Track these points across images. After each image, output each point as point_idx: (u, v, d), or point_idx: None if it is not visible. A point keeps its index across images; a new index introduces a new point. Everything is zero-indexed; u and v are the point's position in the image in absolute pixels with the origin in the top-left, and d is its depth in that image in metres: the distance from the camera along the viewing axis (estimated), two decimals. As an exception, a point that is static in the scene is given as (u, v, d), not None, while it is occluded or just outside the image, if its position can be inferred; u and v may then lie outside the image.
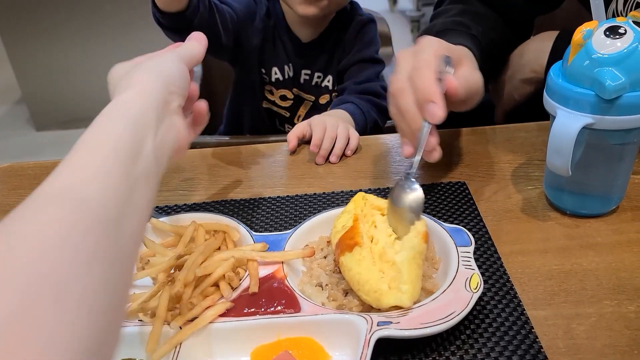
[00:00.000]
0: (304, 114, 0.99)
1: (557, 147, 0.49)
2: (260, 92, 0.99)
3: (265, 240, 0.50)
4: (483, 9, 0.79)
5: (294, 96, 0.98)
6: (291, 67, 0.97)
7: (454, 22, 0.74)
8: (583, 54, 0.47)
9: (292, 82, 0.97)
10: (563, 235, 0.53)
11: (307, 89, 0.98)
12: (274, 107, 1.00)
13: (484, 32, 0.74)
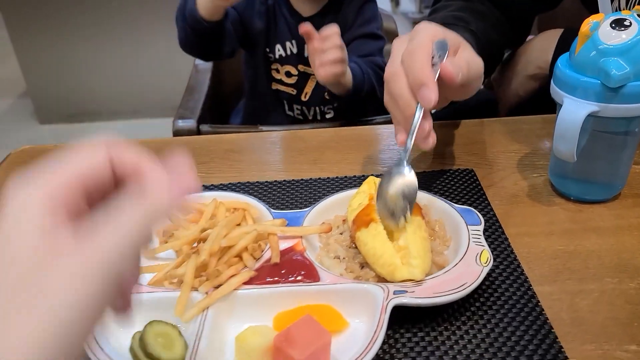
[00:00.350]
0: (310, 90, 1.02)
1: (564, 133, 0.52)
2: (268, 71, 1.02)
3: (284, 217, 0.52)
4: (484, 7, 0.81)
5: (298, 72, 1.01)
6: (294, 44, 1.00)
7: (454, 17, 0.75)
8: (590, 44, 0.50)
9: (296, 57, 1.01)
10: (567, 219, 0.56)
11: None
12: (281, 86, 1.03)
13: (484, 29, 0.75)
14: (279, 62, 1.01)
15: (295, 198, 0.60)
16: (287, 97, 1.03)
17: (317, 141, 0.72)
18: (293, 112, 1.05)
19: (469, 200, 0.59)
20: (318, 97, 1.02)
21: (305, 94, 1.03)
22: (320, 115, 1.05)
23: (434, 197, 0.54)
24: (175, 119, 0.90)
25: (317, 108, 1.04)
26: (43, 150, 0.73)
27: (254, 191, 0.61)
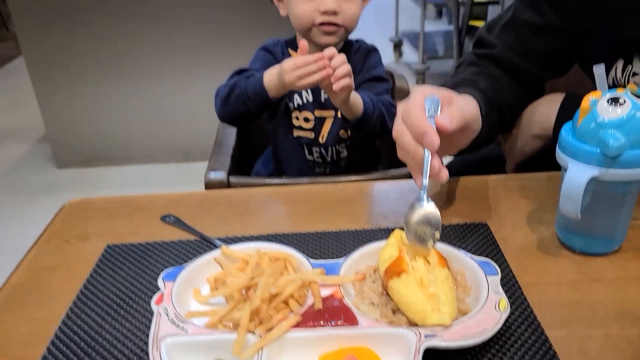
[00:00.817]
0: (327, 132, 1.12)
1: (569, 194, 0.59)
2: (288, 120, 1.12)
3: (322, 267, 0.58)
4: (497, 71, 0.90)
5: (315, 117, 1.11)
6: (309, 92, 1.11)
7: (464, 79, 0.84)
8: (590, 118, 0.58)
9: (312, 104, 1.11)
10: (574, 270, 0.62)
11: (327, 105, 1.10)
12: (300, 131, 1.12)
13: (494, 89, 0.84)
14: (298, 110, 1.11)
15: (329, 248, 0.67)
16: (307, 142, 1.12)
17: (342, 195, 0.79)
18: (313, 156, 1.13)
19: (485, 251, 0.65)
20: (334, 137, 1.12)
21: (322, 136, 1.12)
22: (336, 155, 1.14)
23: (455, 249, 0.61)
24: (207, 171, 0.98)
25: (334, 148, 1.13)
26: (93, 202, 0.80)
27: (289, 241, 0.68)
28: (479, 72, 0.88)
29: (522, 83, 0.91)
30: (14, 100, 3.45)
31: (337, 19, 1.03)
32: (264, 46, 1.14)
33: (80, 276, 0.63)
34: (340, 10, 1.02)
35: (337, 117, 1.11)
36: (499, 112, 0.85)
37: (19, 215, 2.24)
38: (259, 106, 1.01)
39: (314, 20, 1.03)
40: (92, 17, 2.32)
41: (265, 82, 0.99)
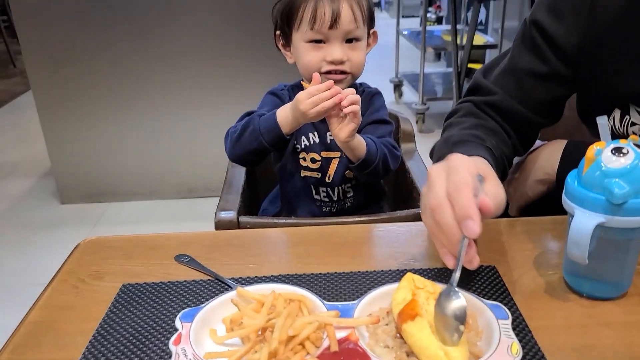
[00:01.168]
0: (333, 172, 1.14)
1: (577, 240, 0.60)
2: (296, 161, 1.14)
3: (337, 309, 0.60)
4: (494, 124, 0.90)
5: (321, 158, 1.13)
6: (316, 134, 1.13)
7: (470, 135, 0.84)
8: (595, 167, 0.60)
9: (318, 145, 1.13)
10: (583, 314, 0.63)
11: (333, 147, 1.13)
12: (307, 172, 1.14)
13: (497, 145, 0.84)
14: (305, 151, 1.13)
15: (342, 290, 0.68)
16: (314, 182, 1.15)
17: (352, 236, 0.81)
18: (320, 196, 1.15)
19: (494, 295, 0.67)
20: (340, 176, 1.14)
21: (329, 176, 1.14)
22: (343, 195, 1.16)
23: (466, 293, 0.62)
24: (217, 211, 0.99)
25: (340, 187, 1.16)
26: (108, 240, 0.81)
27: (302, 283, 0.69)
28: (480, 125, 0.88)
29: (519, 129, 0.92)
30: (20, 136, 3.50)
31: (344, 67, 1.06)
32: (272, 91, 1.18)
33: (97, 315, 0.64)
34: (347, 59, 1.05)
35: (343, 158, 1.14)
36: (502, 169, 0.85)
37: (21, 250, 2.24)
38: (272, 142, 1.03)
39: (321, 69, 1.06)
40: (100, 55, 2.37)
41: (278, 118, 1.02)
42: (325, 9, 1.02)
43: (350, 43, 1.06)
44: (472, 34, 2.83)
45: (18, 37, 2.35)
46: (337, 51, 1.04)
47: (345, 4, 1.02)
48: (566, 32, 0.84)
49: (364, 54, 1.10)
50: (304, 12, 1.03)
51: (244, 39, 2.38)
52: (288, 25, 1.08)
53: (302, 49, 1.07)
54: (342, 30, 1.03)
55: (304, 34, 1.05)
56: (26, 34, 2.33)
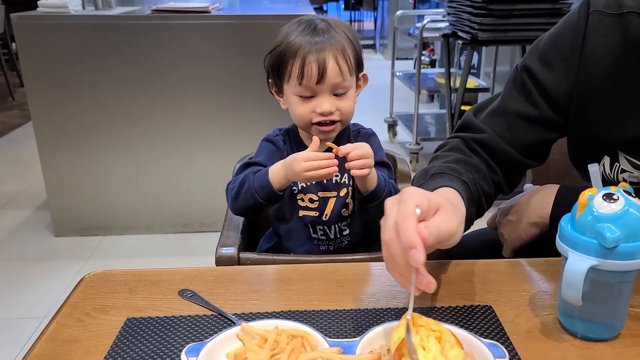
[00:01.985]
0: (330, 211, 1.16)
1: (570, 282, 0.63)
2: (294, 202, 1.16)
3: (339, 345, 0.61)
4: (477, 161, 0.92)
5: (319, 198, 1.16)
6: None
7: (449, 168, 0.86)
8: (587, 211, 0.63)
9: (315, 186, 1.15)
10: (577, 355, 0.65)
11: (329, 187, 1.15)
12: (306, 211, 1.16)
13: (475, 180, 0.86)
14: (302, 192, 1.16)
15: (343, 326, 0.69)
16: (311, 220, 1.17)
17: (352, 274, 0.83)
18: (317, 234, 1.17)
19: (491, 334, 0.68)
20: (336, 215, 1.16)
21: (325, 215, 1.16)
22: (340, 233, 1.17)
23: (464, 331, 0.64)
24: (218, 247, 1.01)
25: (336, 226, 1.17)
26: (112, 274, 0.82)
27: (304, 319, 0.71)
28: (462, 160, 0.90)
29: (505, 167, 0.94)
30: (17, 167, 3.51)
31: (333, 117, 1.08)
32: (267, 138, 1.20)
33: (102, 349, 0.65)
34: (337, 109, 1.08)
35: (340, 196, 1.17)
36: (477, 205, 0.87)
37: (14, 282, 2.22)
38: (266, 199, 1.07)
39: (311, 120, 1.08)
40: (100, 90, 2.42)
41: (270, 176, 1.06)
42: (312, 66, 1.03)
43: (338, 96, 1.08)
44: (465, 77, 2.91)
45: (21, 70, 2.39)
46: (325, 104, 1.06)
47: (331, 59, 1.04)
48: (556, 80, 0.88)
49: (353, 102, 1.12)
50: (292, 66, 1.05)
51: (241, 76, 2.44)
52: (278, 77, 1.11)
53: (293, 101, 1.09)
54: (329, 84, 1.05)
55: (293, 88, 1.07)
56: (29, 66, 2.38)
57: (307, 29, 1.07)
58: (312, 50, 1.04)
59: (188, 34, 2.38)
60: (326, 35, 1.06)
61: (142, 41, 2.37)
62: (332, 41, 1.05)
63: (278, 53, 1.08)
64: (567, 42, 0.87)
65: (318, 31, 1.06)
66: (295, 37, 1.06)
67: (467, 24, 2.67)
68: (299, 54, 1.04)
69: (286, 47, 1.06)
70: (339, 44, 1.06)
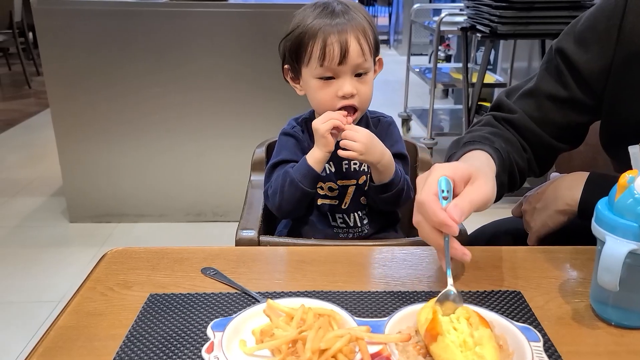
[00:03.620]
0: (350, 199, 1.15)
1: (608, 267, 0.61)
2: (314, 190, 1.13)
3: (368, 324, 0.60)
4: (510, 135, 0.94)
5: (338, 186, 1.14)
6: (332, 164, 1.13)
7: (481, 137, 0.88)
8: (627, 194, 0.61)
9: (335, 175, 1.14)
10: (612, 342, 0.63)
11: (348, 175, 1.14)
12: (325, 200, 1.15)
13: (506, 149, 0.87)
14: (322, 181, 1.14)
15: (369, 307, 0.68)
16: (329, 208, 1.15)
17: (377, 258, 0.82)
18: (337, 222, 1.15)
19: (522, 319, 0.67)
20: (355, 203, 1.15)
21: (345, 203, 1.15)
22: (360, 221, 1.16)
23: (495, 314, 0.62)
24: (238, 230, 1.00)
25: (356, 214, 1.16)
26: (134, 252, 0.82)
27: (329, 298, 0.69)
28: (495, 132, 0.92)
29: (536, 149, 0.95)
30: (32, 154, 3.52)
31: (354, 101, 1.06)
32: (285, 131, 1.18)
33: (126, 322, 0.65)
34: (357, 93, 1.05)
35: (359, 184, 1.15)
36: (509, 174, 0.89)
37: (29, 267, 2.23)
38: (312, 185, 1.06)
39: (334, 107, 1.06)
40: (117, 78, 2.42)
41: (309, 161, 1.05)
42: (334, 46, 1.02)
43: (360, 77, 1.06)
44: (483, 71, 2.88)
45: (40, 58, 2.40)
46: (347, 85, 1.04)
47: (352, 39, 1.03)
48: (589, 60, 0.87)
49: (371, 87, 1.10)
50: (312, 48, 1.03)
51: (255, 65, 2.43)
52: (297, 61, 1.08)
53: (313, 85, 1.07)
54: (351, 64, 1.03)
55: (314, 70, 1.05)
56: (48, 52, 2.38)
57: (325, 11, 1.06)
58: (333, 31, 1.02)
59: (204, 21, 2.37)
60: (346, 16, 1.05)
61: (158, 28, 2.37)
62: (352, 22, 1.04)
63: (296, 36, 1.06)
64: (604, 22, 0.85)
65: (337, 13, 1.05)
66: (313, 19, 1.04)
67: (487, 17, 2.64)
68: (319, 35, 1.03)
69: (305, 29, 1.04)
70: (359, 25, 1.05)
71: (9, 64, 5.80)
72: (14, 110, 4.42)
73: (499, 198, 0.89)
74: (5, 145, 3.74)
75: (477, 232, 1.15)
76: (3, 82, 5.43)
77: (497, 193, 0.83)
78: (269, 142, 1.30)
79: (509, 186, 0.90)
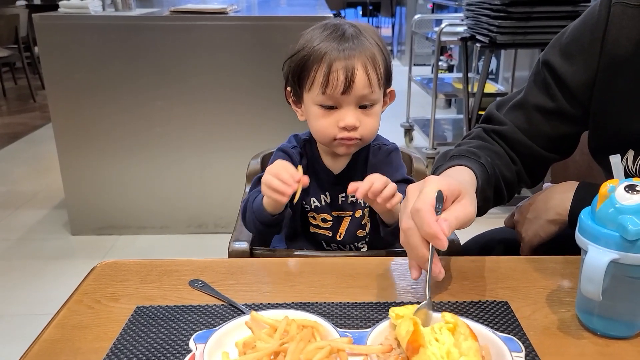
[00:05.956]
0: (344, 230, 1.09)
1: (590, 276, 0.61)
2: (305, 219, 1.10)
3: (349, 336, 0.60)
4: (498, 148, 0.94)
5: (332, 217, 1.09)
6: (328, 195, 1.07)
7: (468, 151, 0.89)
8: (609, 203, 0.61)
9: (329, 206, 1.08)
10: (596, 352, 0.63)
11: (345, 207, 1.08)
12: (317, 229, 1.10)
13: (492, 163, 0.88)
14: (315, 212, 1.08)
15: (354, 319, 0.68)
16: (324, 238, 1.10)
17: (366, 268, 0.81)
18: (331, 248, 1.12)
19: (507, 329, 0.66)
20: (351, 235, 1.09)
21: (340, 234, 1.09)
22: (356, 249, 1.13)
23: (479, 325, 0.62)
24: (231, 241, 1.00)
25: (352, 245, 1.11)
26: (123, 264, 0.82)
27: (315, 310, 0.69)
28: (484, 146, 0.93)
29: (526, 160, 0.95)
30: (36, 168, 3.56)
31: (356, 134, 0.97)
32: (283, 148, 1.10)
33: (111, 335, 0.65)
34: (360, 125, 0.97)
35: (355, 217, 1.09)
36: (495, 187, 0.89)
37: (31, 279, 2.25)
38: (266, 223, 0.99)
39: (334, 136, 0.98)
40: (118, 93, 2.44)
41: (264, 201, 0.97)
42: (339, 74, 0.93)
43: (364, 109, 0.97)
44: (483, 81, 2.89)
45: (42, 72, 2.43)
46: (349, 117, 0.95)
47: (359, 68, 0.94)
48: (575, 72, 0.88)
49: (378, 119, 1.01)
50: (316, 74, 0.95)
51: (257, 78, 2.44)
52: (299, 84, 1.00)
53: (314, 112, 0.99)
54: (355, 95, 0.95)
55: (315, 97, 0.97)
56: (50, 67, 2.41)
57: (334, 34, 0.97)
58: (339, 57, 0.94)
59: (206, 35, 2.40)
60: (355, 41, 0.96)
61: (160, 42, 2.39)
62: (361, 48, 0.95)
63: (301, 58, 0.97)
64: (588, 35, 0.86)
65: (347, 37, 0.96)
66: (320, 42, 0.96)
67: (486, 27, 2.65)
68: (324, 60, 0.94)
69: (310, 52, 0.96)
70: (369, 52, 0.96)
71: (15, 78, 5.88)
72: (19, 124, 4.47)
73: (483, 212, 0.89)
74: (10, 158, 3.77)
75: (470, 242, 1.15)
76: (9, 96, 5.49)
77: (482, 208, 0.84)
78: (264, 154, 1.31)
79: (495, 200, 0.90)
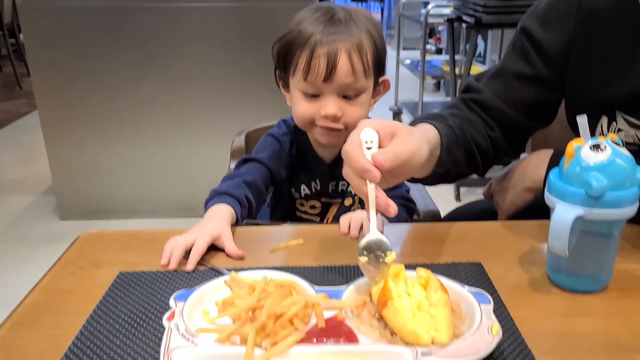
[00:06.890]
0: (332, 217, 1.09)
1: (557, 232, 0.63)
2: (292, 205, 1.10)
3: (325, 292, 0.62)
4: (472, 116, 0.93)
5: (321, 204, 1.08)
6: (318, 182, 1.07)
7: (435, 115, 0.88)
8: (575, 162, 0.63)
9: (319, 194, 1.08)
10: (563, 306, 0.65)
11: (334, 195, 1.08)
12: (304, 215, 1.10)
13: (463, 129, 0.87)
14: (304, 199, 1.07)
15: (333, 279, 0.70)
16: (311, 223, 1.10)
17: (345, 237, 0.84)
18: None
19: (479, 287, 0.68)
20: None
21: (327, 219, 1.09)
22: None
23: (451, 281, 0.64)
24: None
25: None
26: (107, 234, 0.84)
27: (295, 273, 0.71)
28: (455, 113, 0.92)
29: (506, 129, 0.95)
30: (23, 154, 3.54)
31: (338, 125, 0.94)
32: (273, 133, 1.07)
33: (94, 299, 0.66)
34: (343, 114, 0.94)
35: (344, 205, 1.08)
36: (466, 151, 0.87)
37: (19, 265, 2.25)
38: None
39: (314, 121, 0.95)
40: (104, 78, 2.43)
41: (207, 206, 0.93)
42: (320, 60, 0.90)
43: (348, 98, 0.94)
44: (469, 63, 2.90)
45: (26, 59, 2.41)
46: (331, 106, 0.92)
47: (343, 55, 0.90)
48: (552, 38, 0.90)
49: (364, 109, 0.96)
50: (298, 59, 0.92)
51: (245, 61, 2.44)
52: (284, 68, 0.98)
53: (296, 97, 0.96)
54: (337, 84, 0.91)
55: (298, 83, 0.94)
56: (35, 55, 2.39)
57: (323, 16, 0.93)
58: (322, 41, 0.90)
59: (192, 17, 2.39)
60: (342, 26, 0.92)
61: (147, 25, 2.38)
62: (348, 34, 0.91)
63: (286, 41, 0.95)
64: (565, 1, 0.87)
65: (335, 21, 0.92)
66: (307, 24, 0.93)
67: (472, 7, 2.66)
68: (307, 44, 0.91)
69: (295, 35, 0.93)
70: (355, 39, 0.91)
71: (0, 65, 5.81)
72: (5, 111, 4.43)
73: (455, 177, 0.90)
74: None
75: (450, 214, 1.17)
76: (-5, 83, 5.44)
77: (453, 170, 0.84)
78: (248, 131, 1.32)
79: (469, 165, 0.90)
